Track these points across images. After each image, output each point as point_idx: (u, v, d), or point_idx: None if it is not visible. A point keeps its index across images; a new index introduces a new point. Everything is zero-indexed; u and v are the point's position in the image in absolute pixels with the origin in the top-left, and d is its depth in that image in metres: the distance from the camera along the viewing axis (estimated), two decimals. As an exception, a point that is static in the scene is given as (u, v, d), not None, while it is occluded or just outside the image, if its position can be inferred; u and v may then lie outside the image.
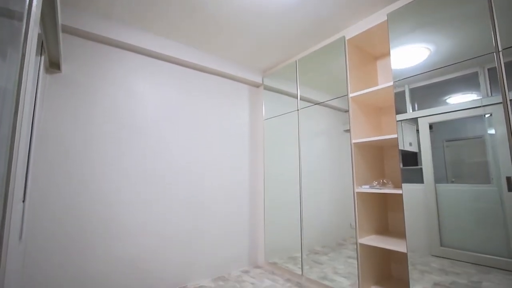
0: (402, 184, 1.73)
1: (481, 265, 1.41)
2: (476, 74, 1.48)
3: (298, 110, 2.59)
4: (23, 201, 1.51)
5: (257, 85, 3.21)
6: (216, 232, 2.65)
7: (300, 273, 2.40)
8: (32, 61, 0.83)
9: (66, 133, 1.94)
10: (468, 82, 1.50)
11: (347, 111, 2.14)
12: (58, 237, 1.83)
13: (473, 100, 1.46)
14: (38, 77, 1.49)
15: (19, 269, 1.53)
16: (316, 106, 2.43)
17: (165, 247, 2.30)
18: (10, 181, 0.71)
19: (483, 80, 1.45)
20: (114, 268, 2.03)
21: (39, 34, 1.28)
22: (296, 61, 2.66)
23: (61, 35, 1.55)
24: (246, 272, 2.71)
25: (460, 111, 1.51)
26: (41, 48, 1.51)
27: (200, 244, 2.52)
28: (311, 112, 2.48)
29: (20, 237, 1.46)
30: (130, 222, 2.14)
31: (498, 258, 1.35)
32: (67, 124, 1.94)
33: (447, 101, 1.58)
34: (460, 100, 1.52)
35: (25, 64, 0.75)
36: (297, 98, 2.61)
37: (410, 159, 1.73)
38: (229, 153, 2.86)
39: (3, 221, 0.69)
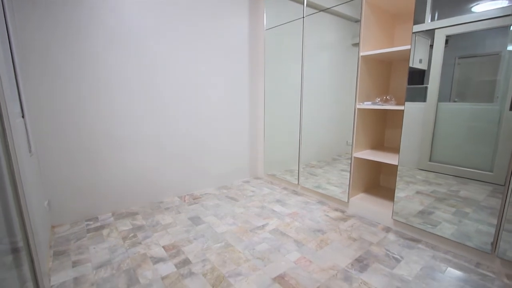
0: (405, 103, 1.71)
1: (463, 177, 1.54)
2: (516, -27, 1.27)
3: (303, 17, 2.31)
4: (23, 117, 1.50)
5: (257, -12, 2.78)
6: (218, 146, 2.77)
7: (296, 183, 2.64)
8: None
9: (52, 45, 1.76)
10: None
11: (358, 21, 1.92)
12: (68, 150, 1.91)
13: (503, 7, 1.31)
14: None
15: (37, 180, 1.65)
16: (324, 15, 2.16)
17: (171, 159, 2.44)
18: None
19: (523, -20, 1.26)
20: (125, 178, 2.20)
21: None
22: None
23: None
24: (247, 182, 2.98)
25: (484, 21, 1.38)
26: None
27: (204, 157, 2.68)
28: (318, 22, 2.22)
29: (30, 150, 1.52)
30: (136, 136, 2.19)
31: (480, 171, 1.47)
32: (51, 35, 1.75)
33: (473, 9, 1.41)
34: (487, 8, 1.36)
35: None
36: (303, 3, 2.29)
37: (417, 77, 1.68)
38: (228, 67, 2.71)
39: (4, 132, 0.69)
